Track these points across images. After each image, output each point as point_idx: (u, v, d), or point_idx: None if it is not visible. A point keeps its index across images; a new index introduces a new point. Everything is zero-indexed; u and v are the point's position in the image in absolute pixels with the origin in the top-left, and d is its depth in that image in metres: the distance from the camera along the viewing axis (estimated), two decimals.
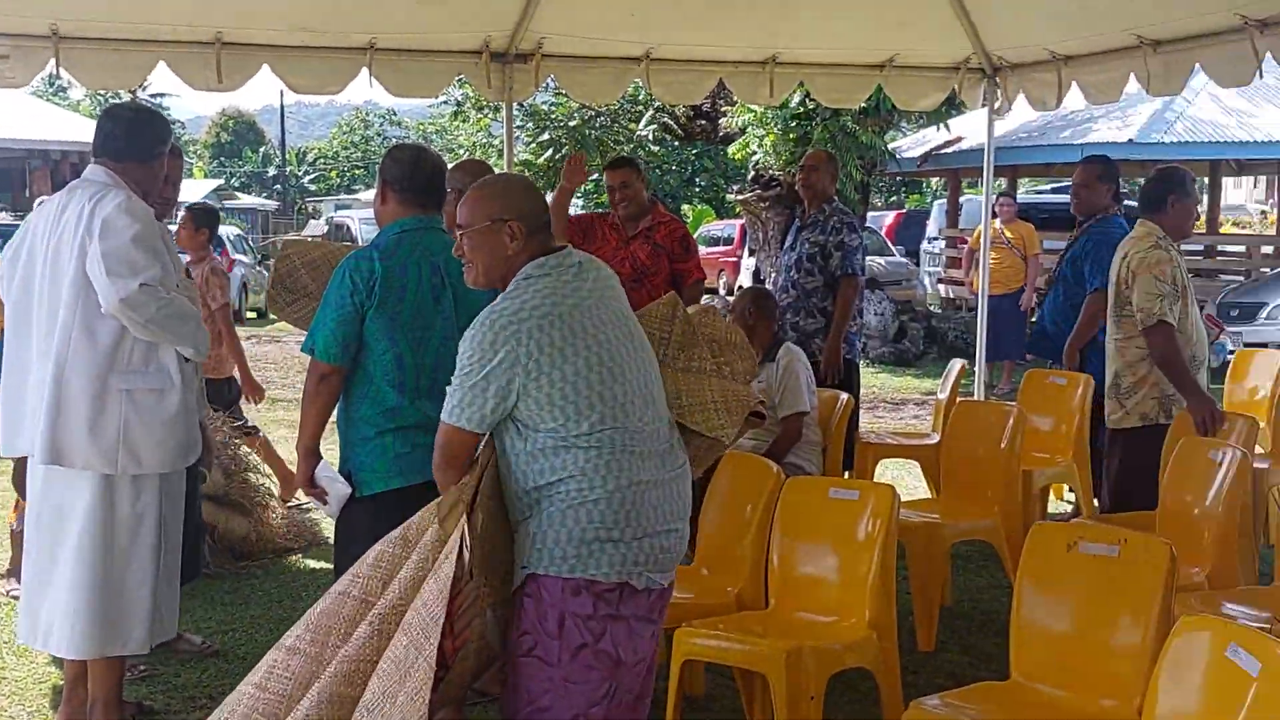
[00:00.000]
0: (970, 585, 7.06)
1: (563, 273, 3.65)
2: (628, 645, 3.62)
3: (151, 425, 4.77)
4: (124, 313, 4.61)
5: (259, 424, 12.51)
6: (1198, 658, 3.44)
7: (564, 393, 3.52)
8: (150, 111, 5.22)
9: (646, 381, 3.70)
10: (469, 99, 23.23)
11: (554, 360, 3.51)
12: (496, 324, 3.54)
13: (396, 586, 3.49)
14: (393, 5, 7.90)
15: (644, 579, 3.61)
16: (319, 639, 3.54)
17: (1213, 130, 19.22)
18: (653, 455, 3.64)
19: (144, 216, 4.73)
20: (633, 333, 3.73)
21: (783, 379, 6.68)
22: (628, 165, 7.75)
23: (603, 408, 3.54)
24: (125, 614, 4.83)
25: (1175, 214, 6.37)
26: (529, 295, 3.59)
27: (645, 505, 3.59)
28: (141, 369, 4.76)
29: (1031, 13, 8.38)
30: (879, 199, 43.57)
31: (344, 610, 3.56)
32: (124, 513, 4.80)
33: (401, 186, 4.56)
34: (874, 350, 17.45)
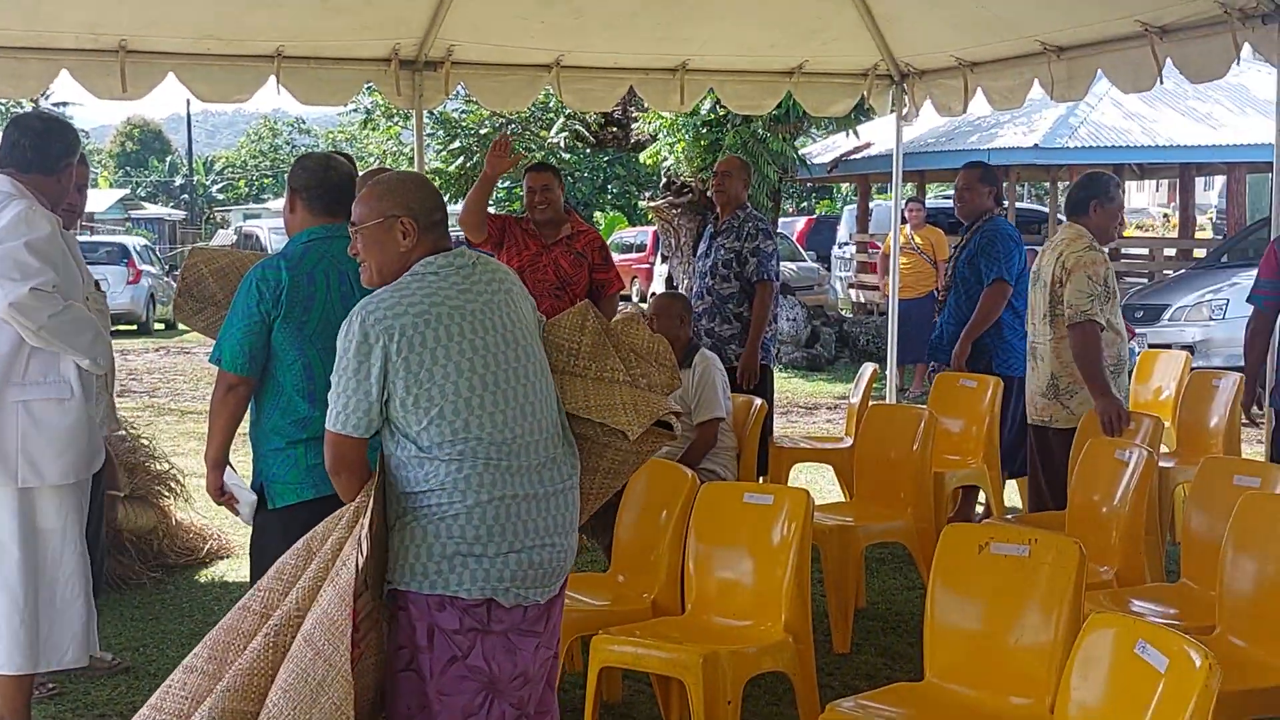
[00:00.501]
0: (884, 587, 7.12)
1: (450, 273, 3.58)
2: (504, 659, 3.54)
3: (51, 436, 4.70)
4: (13, 317, 4.54)
5: (171, 436, 12.38)
6: (1107, 655, 3.49)
7: (429, 396, 3.44)
8: (59, 123, 5.12)
9: (528, 393, 3.60)
10: (379, 107, 23.06)
11: (422, 361, 3.44)
12: (370, 318, 3.46)
13: (294, 596, 3.40)
14: (300, 12, 7.83)
15: (512, 595, 3.52)
16: (217, 655, 3.44)
17: (1115, 135, 19.52)
18: (527, 469, 3.55)
19: (43, 224, 4.65)
20: (519, 340, 3.63)
21: (699, 385, 6.68)
22: (550, 170, 7.73)
23: (468, 415, 3.46)
24: (57, 628, 4.78)
25: (1098, 217, 6.52)
26: (409, 291, 3.52)
27: (513, 520, 3.50)
28: (39, 379, 4.69)
29: (938, 20, 8.48)
30: (790, 204, 43.79)
31: (244, 625, 3.46)
32: (50, 526, 4.74)
33: (310, 195, 4.52)
34: (787, 355, 17.54)
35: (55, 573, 4.76)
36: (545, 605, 3.66)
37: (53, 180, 4.87)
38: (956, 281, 7.96)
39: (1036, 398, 6.70)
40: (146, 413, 13.84)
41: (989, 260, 7.64)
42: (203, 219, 60.89)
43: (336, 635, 3.25)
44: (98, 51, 7.78)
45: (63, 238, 4.80)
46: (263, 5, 7.70)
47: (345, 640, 3.25)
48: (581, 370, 3.98)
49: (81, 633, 4.84)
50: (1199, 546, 5.22)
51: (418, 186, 3.77)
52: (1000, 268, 7.64)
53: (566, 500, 3.68)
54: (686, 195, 16.70)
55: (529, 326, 3.72)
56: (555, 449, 3.67)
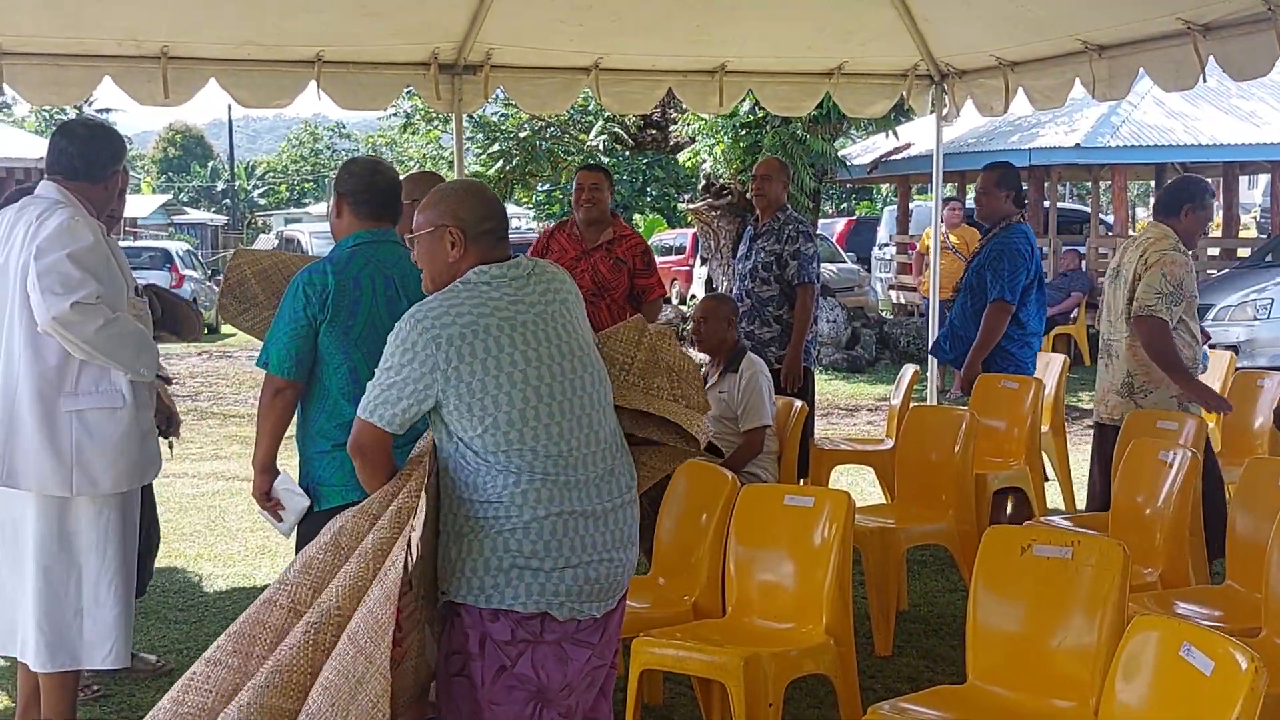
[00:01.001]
0: (926, 589, 7.09)
1: (503, 283, 3.56)
2: (554, 668, 3.53)
3: (104, 445, 4.73)
4: (57, 331, 4.56)
5: (214, 440, 12.47)
6: (1152, 658, 3.47)
7: (482, 406, 3.43)
8: (106, 130, 5.15)
9: (584, 404, 3.58)
10: (418, 111, 23.11)
11: (474, 371, 3.43)
12: (420, 325, 3.47)
13: (333, 594, 3.38)
14: (340, 18, 7.87)
15: (566, 609, 3.51)
16: (242, 649, 3.43)
17: (1158, 134, 19.39)
18: (584, 483, 3.54)
19: (86, 234, 4.67)
20: (575, 350, 3.61)
21: (746, 391, 6.66)
22: (601, 171, 7.78)
23: (522, 427, 3.45)
24: (87, 631, 4.80)
25: (1188, 221, 6.57)
26: (457, 300, 3.51)
27: (570, 535, 3.49)
28: (91, 389, 4.72)
29: (977, 20, 8.44)
30: (829, 206, 43.75)
31: (270, 618, 3.45)
32: (85, 531, 4.77)
33: (356, 200, 4.55)
34: (827, 357, 17.50)
35: (96, 576, 4.79)
36: (602, 618, 3.63)
37: (99, 188, 4.90)
38: (966, 286, 7.92)
39: (1109, 396, 6.68)
40: (189, 416, 13.91)
41: (994, 275, 7.53)
42: (244, 224, 61.27)
43: (379, 633, 3.25)
44: (140, 58, 7.84)
45: (106, 244, 4.83)
46: (303, 10, 7.74)
47: (387, 638, 3.25)
48: (631, 384, 3.99)
49: (121, 635, 4.87)
50: (1244, 548, 5.18)
51: (466, 195, 3.72)
52: (1003, 286, 7.51)
53: (625, 515, 3.65)
54: (726, 197, 16.68)
55: (585, 336, 3.69)
56: (613, 460, 3.65)
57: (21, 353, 4.67)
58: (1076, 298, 17.36)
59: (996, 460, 7.60)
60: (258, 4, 7.63)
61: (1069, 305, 17.35)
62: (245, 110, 10.41)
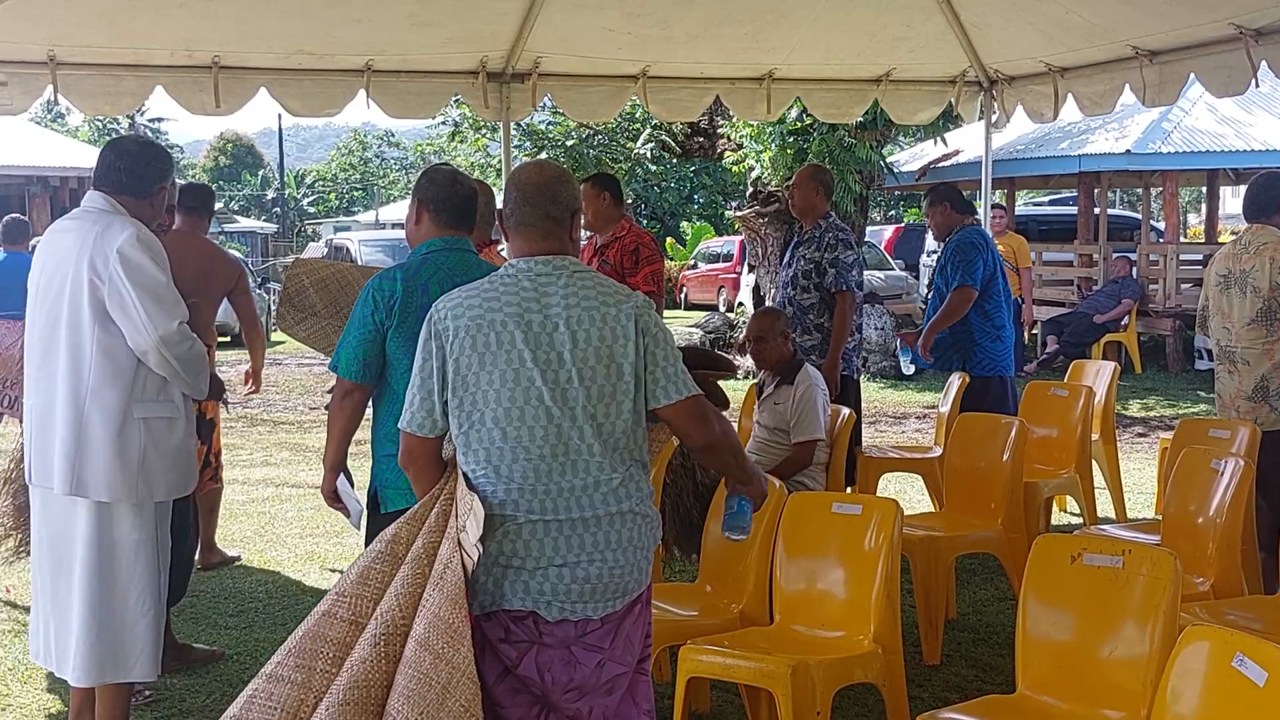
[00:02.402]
0: (975, 598, 7.05)
1: (526, 279, 3.52)
2: (561, 672, 3.49)
3: (164, 453, 4.81)
4: (160, 349, 4.65)
5: (264, 447, 12.55)
6: (1204, 668, 3.44)
7: (472, 400, 3.45)
8: (154, 148, 5.19)
9: (575, 412, 3.45)
10: (466, 119, 23.24)
11: (470, 364, 3.45)
12: (435, 315, 3.51)
13: (394, 603, 3.38)
14: (389, 27, 7.91)
15: (555, 609, 3.46)
16: (304, 664, 3.39)
17: (1209, 140, 19.21)
18: (566, 492, 3.46)
19: (160, 251, 4.77)
20: (586, 359, 3.46)
21: (800, 404, 6.64)
22: (589, 181, 7.82)
23: (506, 425, 3.43)
24: (131, 641, 4.83)
25: None
26: (474, 292, 3.52)
27: (551, 536, 3.44)
28: (155, 398, 4.79)
29: (1026, 26, 8.40)
30: (878, 213, 43.64)
31: (331, 632, 3.42)
32: (126, 540, 4.80)
33: (436, 207, 4.59)
34: (875, 365, 17.44)
35: (129, 587, 4.82)
36: (614, 621, 3.57)
37: (145, 204, 4.95)
38: (935, 294, 8.40)
39: (1239, 401, 6.63)
40: (240, 423, 14.03)
41: (954, 268, 8.09)
42: (294, 232, 61.69)
43: (455, 637, 3.26)
44: (192, 68, 7.92)
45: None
46: (352, 20, 7.79)
47: (465, 642, 3.26)
48: None
49: (151, 647, 4.89)
50: None
51: (511, 185, 3.71)
52: (964, 274, 8.03)
53: (621, 522, 3.53)
54: (773, 204, 16.65)
55: (605, 346, 3.49)
56: (605, 473, 3.50)
57: (96, 363, 4.70)
58: (1127, 305, 17.23)
59: (1046, 468, 7.55)
60: (308, 14, 7.69)
61: (1119, 312, 17.21)
62: (295, 119, 10.50)
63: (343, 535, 8.58)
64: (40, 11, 7.00)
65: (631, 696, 3.69)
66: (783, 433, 6.68)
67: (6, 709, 5.62)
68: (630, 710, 3.70)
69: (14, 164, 27.95)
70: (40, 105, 31.96)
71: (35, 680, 5.92)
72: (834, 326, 7.84)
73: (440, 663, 3.25)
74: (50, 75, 7.57)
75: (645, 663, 3.75)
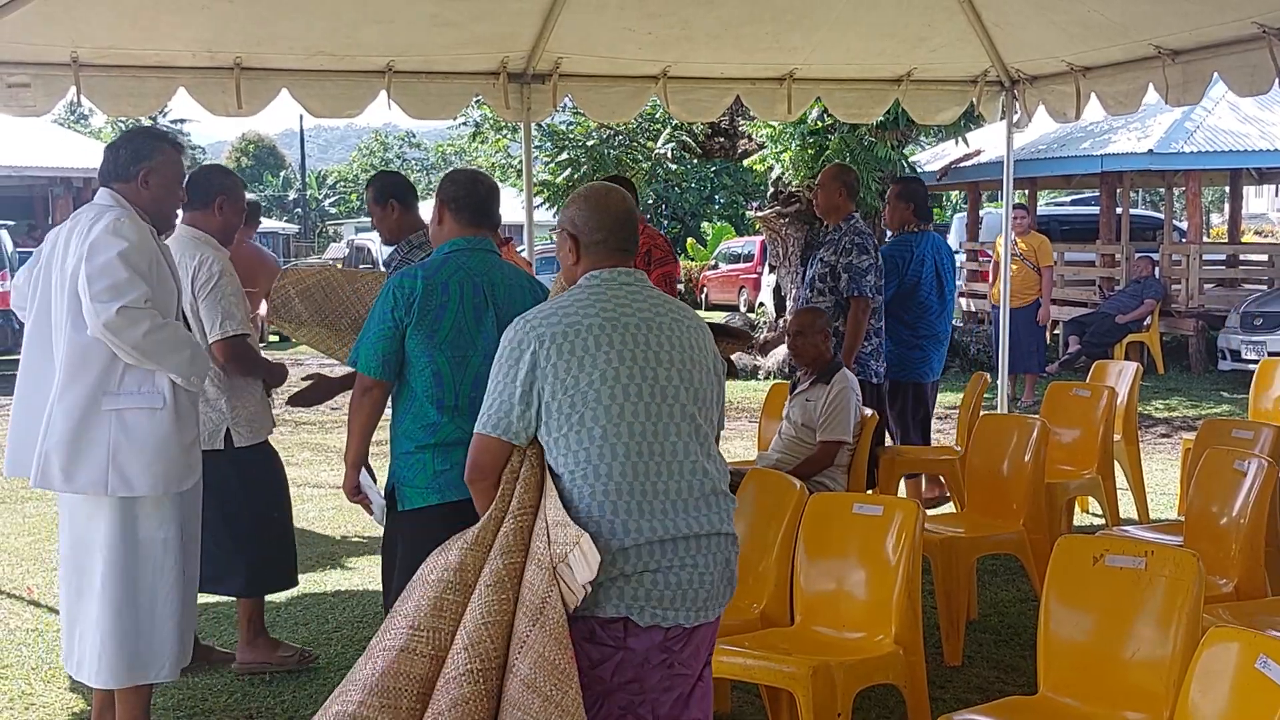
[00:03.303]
0: (996, 599, 7.03)
1: (613, 287, 3.62)
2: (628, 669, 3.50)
3: (142, 447, 4.74)
4: (106, 336, 4.61)
5: (285, 447, 12.57)
6: (1227, 670, 3.42)
7: (571, 401, 3.46)
8: (137, 132, 5.12)
9: (675, 414, 3.54)
10: (487, 120, 23.29)
11: (569, 367, 3.46)
12: (525, 325, 3.54)
13: (484, 632, 3.29)
14: (410, 28, 7.92)
15: (647, 615, 3.47)
16: (389, 704, 3.31)
17: (1232, 139, 19.14)
18: (665, 500, 3.49)
19: (134, 235, 4.69)
20: (678, 362, 3.59)
21: (831, 404, 6.63)
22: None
23: (606, 424, 3.46)
24: (151, 643, 4.84)
25: None
26: (565, 302, 3.58)
27: (650, 547, 3.45)
28: (134, 390, 4.73)
29: (1048, 25, 8.37)
30: None
31: (413, 669, 3.34)
32: (146, 541, 4.80)
33: (458, 205, 4.61)
34: None
35: (151, 590, 4.83)
36: (693, 629, 3.59)
37: (133, 187, 4.88)
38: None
39: None
40: None
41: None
42: (316, 232, 61.87)
43: (564, 680, 3.24)
44: (214, 69, 7.93)
45: (156, 245, 4.85)
46: (373, 21, 7.80)
47: (574, 684, 3.25)
48: None
49: (176, 647, 4.90)
50: None
51: (583, 202, 3.77)
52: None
53: (713, 543, 3.57)
54: (794, 205, 16.63)
55: (695, 351, 3.65)
56: (700, 476, 3.57)
57: (68, 354, 4.70)
58: (1149, 305, 17.16)
59: (1068, 469, 7.52)
60: (329, 15, 7.70)
61: (1142, 313, 17.14)
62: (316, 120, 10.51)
63: (365, 533, 8.59)
64: (63, 13, 7.02)
65: (686, 701, 3.69)
66: (809, 430, 6.68)
67: (30, 708, 5.64)
68: (682, 713, 3.69)
69: (38, 165, 28.10)
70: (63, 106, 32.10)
71: (59, 679, 5.94)
72: (846, 332, 7.76)
73: (550, 705, 3.22)
74: (73, 76, 7.59)
75: (706, 669, 3.76)
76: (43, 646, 6.42)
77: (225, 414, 5.88)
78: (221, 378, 5.81)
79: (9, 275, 19.15)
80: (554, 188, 23.01)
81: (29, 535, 8.86)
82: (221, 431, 5.88)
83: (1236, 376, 15.63)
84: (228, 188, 6.04)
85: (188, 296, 5.68)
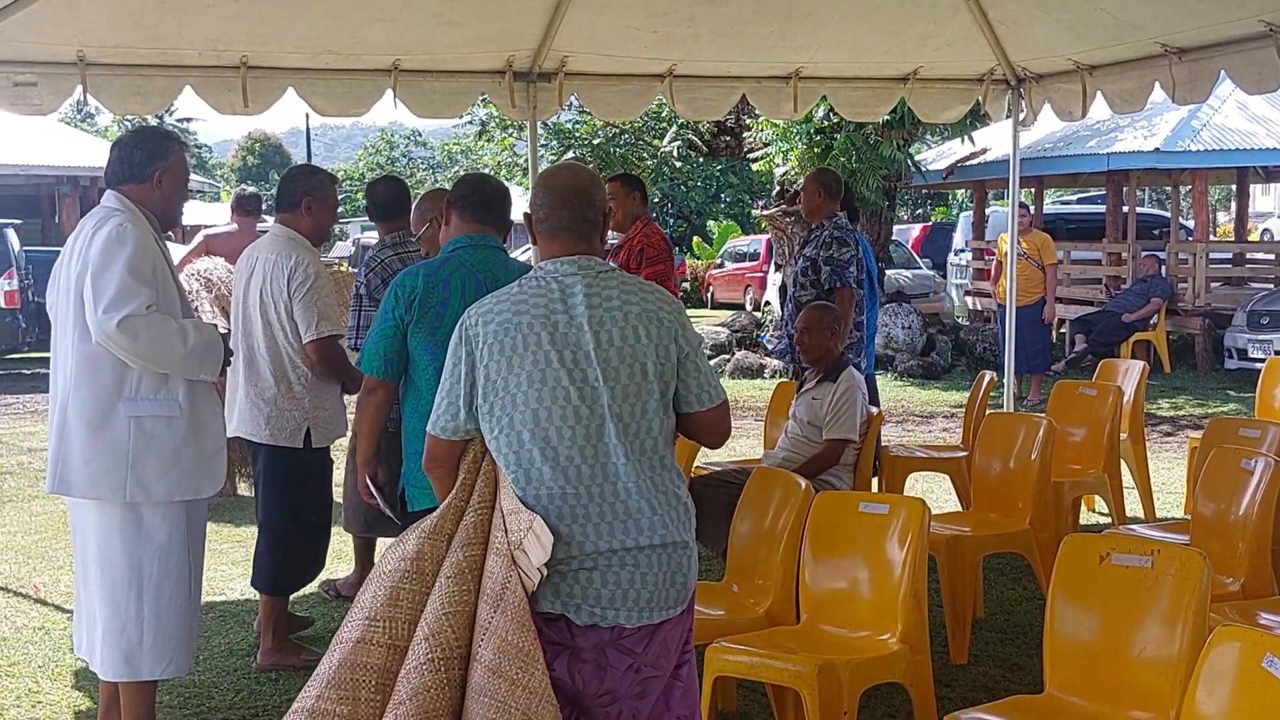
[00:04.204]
0: (1002, 597, 7.03)
1: (552, 282, 3.50)
2: (592, 676, 3.44)
3: (160, 453, 4.75)
4: (110, 347, 4.62)
5: None
6: (1233, 669, 3.42)
7: (501, 404, 3.42)
8: (145, 131, 5.11)
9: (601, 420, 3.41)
10: (493, 119, 23.25)
11: (499, 368, 3.42)
12: (466, 321, 3.50)
13: (444, 622, 3.27)
14: (415, 26, 7.92)
15: (584, 614, 3.41)
16: (347, 695, 3.28)
17: (1239, 138, 19.12)
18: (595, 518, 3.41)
19: (137, 240, 4.67)
20: (609, 360, 3.42)
21: (838, 402, 6.62)
22: (617, 180, 7.87)
23: (534, 426, 3.39)
24: (158, 641, 4.84)
25: None
26: (504, 297, 3.51)
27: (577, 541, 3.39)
28: (150, 395, 4.74)
29: (1055, 23, 8.35)
30: (905, 212, 43.54)
31: (370, 659, 3.31)
32: (151, 543, 4.80)
33: (464, 203, 4.64)
34: (902, 364, 17.41)
35: (159, 584, 4.83)
36: (651, 628, 3.50)
37: (146, 188, 4.87)
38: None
39: None
40: None
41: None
42: None
43: (529, 662, 3.23)
44: (220, 68, 7.94)
45: (159, 248, 4.83)
46: (379, 20, 7.80)
47: (539, 665, 3.23)
48: None
49: (181, 645, 4.91)
50: None
51: (539, 186, 3.68)
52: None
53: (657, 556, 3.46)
54: (799, 203, 16.63)
55: (627, 346, 3.47)
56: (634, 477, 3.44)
57: (78, 361, 4.71)
58: (1156, 303, 17.14)
59: (1075, 467, 7.52)
60: (335, 14, 7.70)
61: (1148, 311, 17.13)
62: (322, 119, 10.47)
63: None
64: (69, 12, 7.02)
65: (666, 701, 3.63)
66: (815, 428, 6.67)
67: (37, 705, 5.65)
68: (664, 715, 3.63)
69: (44, 164, 28.13)
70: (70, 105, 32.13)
71: (64, 677, 5.96)
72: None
73: (517, 689, 3.21)
74: (80, 75, 7.60)
75: (683, 668, 3.68)
76: (49, 644, 6.43)
77: (308, 413, 5.96)
78: (309, 378, 5.88)
79: (16, 273, 19.18)
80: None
81: (35, 533, 8.88)
82: (303, 430, 5.98)
83: (1243, 375, 15.61)
84: (313, 188, 6.11)
85: (283, 297, 5.84)
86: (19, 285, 19.06)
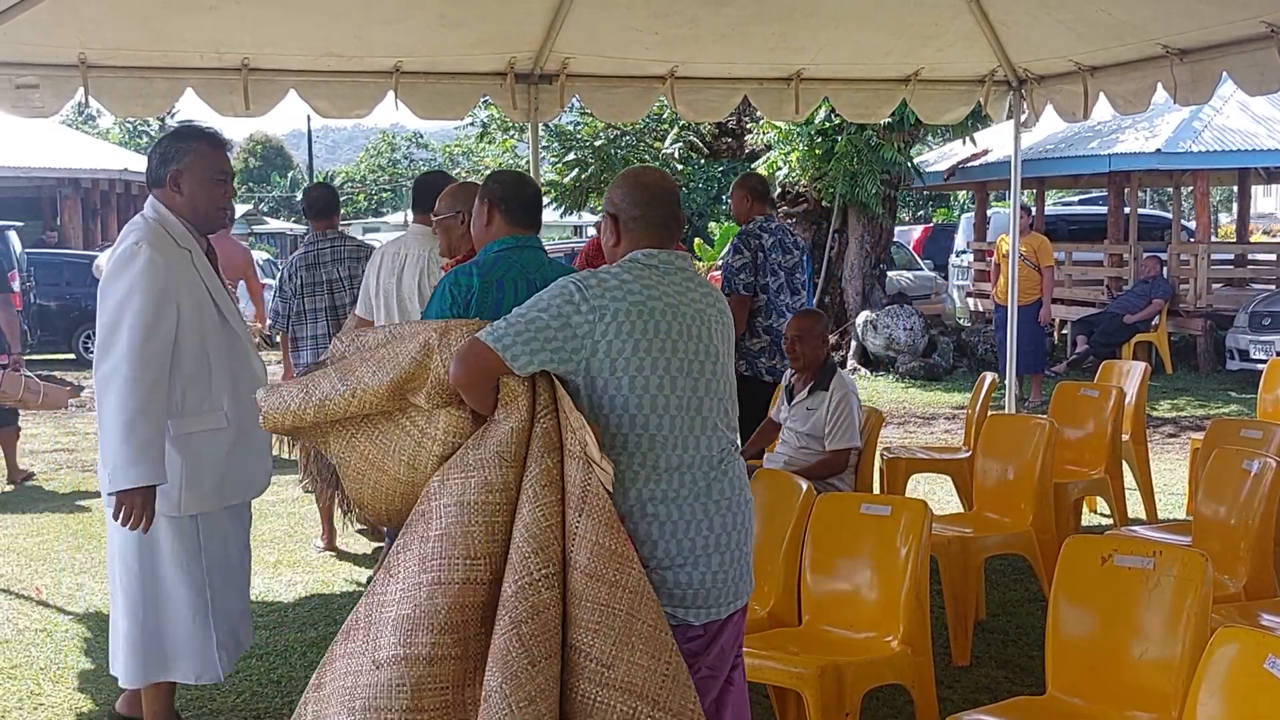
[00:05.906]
0: (1004, 599, 7.03)
1: (671, 271, 3.60)
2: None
3: (213, 467, 4.79)
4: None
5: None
6: (1235, 670, 3.42)
7: (619, 385, 3.44)
8: (167, 134, 5.05)
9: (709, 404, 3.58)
10: (494, 120, 23.30)
11: (623, 349, 3.43)
12: (590, 292, 3.46)
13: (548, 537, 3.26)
14: (417, 28, 7.93)
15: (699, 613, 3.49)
16: (460, 637, 3.26)
17: (1241, 139, 19.11)
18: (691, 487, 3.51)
19: (144, 263, 4.60)
20: (719, 354, 3.64)
21: (837, 411, 6.59)
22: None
23: (650, 412, 3.45)
24: (172, 645, 4.85)
25: None
26: (629, 278, 3.52)
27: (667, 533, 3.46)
28: (195, 410, 4.75)
29: (1056, 25, 8.35)
30: (906, 213, 43.52)
31: (477, 599, 3.28)
32: (169, 548, 4.80)
33: (508, 206, 4.61)
34: (904, 365, 17.41)
35: (169, 594, 4.83)
36: (709, 631, 3.58)
37: (165, 192, 4.81)
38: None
39: None
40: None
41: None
42: None
43: (624, 562, 3.25)
44: (221, 70, 7.94)
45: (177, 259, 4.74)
46: (381, 22, 7.80)
47: (635, 564, 3.25)
48: None
49: (199, 651, 4.90)
50: None
51: (622, 183, 3.78)
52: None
53: (727, 517, 3.60)
54: (801, 205, 16.65)
55: (719, 346, 3.68)
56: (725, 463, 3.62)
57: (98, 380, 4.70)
58: (1157, 304, 17.13)
59: (1076, 469, 7.51)
60: (337, 16, 7.70)
61: (1150, 312, 17.12)
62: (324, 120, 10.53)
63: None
64: (71, 14, 7.02)
65: (717, 706, 3.65)
66: (816, 439, 6.64)
67: (39, 708, 5.65)
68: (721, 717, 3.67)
69: (46, 166, 28.16)
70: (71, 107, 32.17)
71: (67, 680, 5.96)
72: None
73: (617, 590, 3.22)
74: (81, 77, 7.60)
75: (736, 671, 3.73)
76: (51, 647, 6.43)
77: None
78: None
79: (18, 276, 19.20)
80: (561, 188, 23.01)
81: (38, 536, 8.88)
82: None
83: (1244, 376, 15.60)
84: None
85: (427, 287, 5.96)
86: (20, 287, 19.09)
